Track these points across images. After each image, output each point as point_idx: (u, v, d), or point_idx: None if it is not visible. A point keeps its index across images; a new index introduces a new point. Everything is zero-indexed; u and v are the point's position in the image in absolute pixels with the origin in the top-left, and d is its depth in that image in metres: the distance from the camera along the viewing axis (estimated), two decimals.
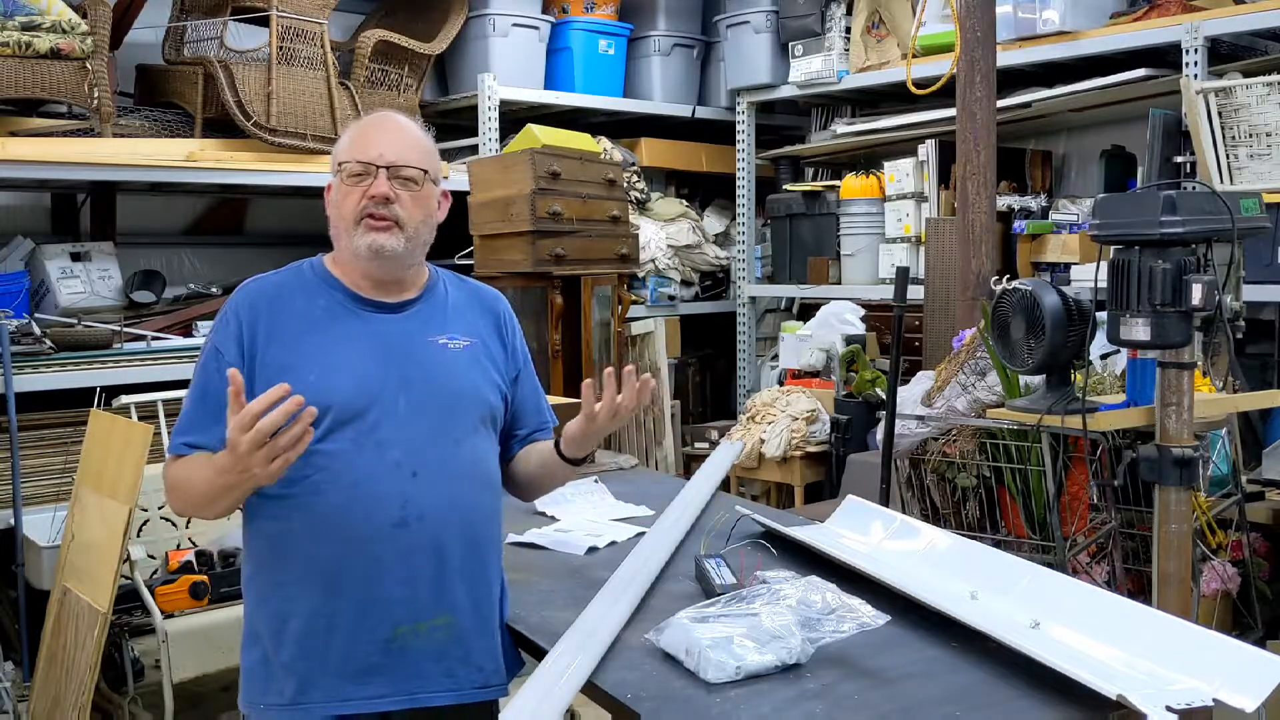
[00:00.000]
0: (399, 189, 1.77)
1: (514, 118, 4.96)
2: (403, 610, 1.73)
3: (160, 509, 3.34)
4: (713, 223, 5.63)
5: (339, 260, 1.85)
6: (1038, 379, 2.79)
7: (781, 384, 4.67)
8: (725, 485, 3.15)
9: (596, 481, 2.88)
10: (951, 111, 3.80)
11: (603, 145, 4.88)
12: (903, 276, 3.22)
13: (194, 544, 3.33)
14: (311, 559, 1.72)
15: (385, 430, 1.73)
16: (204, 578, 3.13)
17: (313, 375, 1.72)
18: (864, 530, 2.32)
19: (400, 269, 1.82)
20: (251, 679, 1.79)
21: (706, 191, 5.81)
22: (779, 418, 4.24)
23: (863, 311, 4.61)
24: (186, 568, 3.20)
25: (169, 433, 3.54)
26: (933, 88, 3.84)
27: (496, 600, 1.86)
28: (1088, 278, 2.86)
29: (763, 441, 4.20)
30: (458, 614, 1.77)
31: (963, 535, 2.48)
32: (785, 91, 5.17)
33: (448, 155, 4.88)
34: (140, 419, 3.32)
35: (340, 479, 1.71)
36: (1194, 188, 2.75)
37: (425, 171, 1.80)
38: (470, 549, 1.79)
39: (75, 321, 3.80)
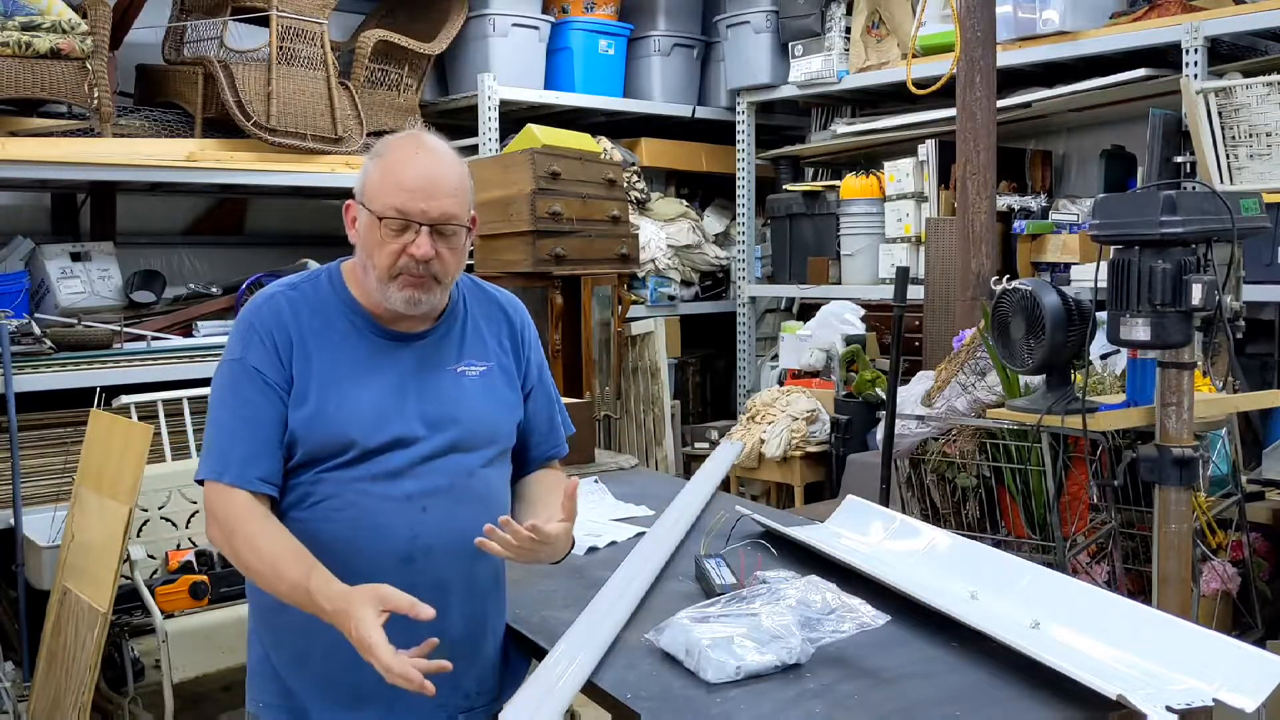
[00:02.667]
0: (439, 244, 1.68)
1: (514, 118, 4.96)
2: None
3: (160, 509, 3.34)
4: (713, 223, 5.63)
5: (360, 281, 1.76)
6: (1038, 379, 2.79)
7: (781, 384, 4.67)
8: (725, 485, 3.15)
9: (596, 481, 2.88)
10: (951, 111, 3.80)
11: (603, 145, 4.88)
12: (903, 276, 3.22)
13: (194, 544, 3.33)
14: None
15: (399, 462, 1.70)
16: (204, 578, 3.13)
17: (331, 405, 1.69)
18: (864, 530, 2.32)
19: (430, 310, 1.76)
20: (256, 678, 1.80)
21: (706, 191, 5.81)
22: (779, 418, 4.24)
23: (863, 311, 4.61)
24: (186, 568, 3.20)
25: (169, 433, 3.54)
26: (933, 88, 3.84)
27: (490, 626, 1.84)
28: (1088, 278, 2.86)
29: (763, 441, 4.20)
30: (452, 646, 1.73)
31: (963, 535, 2.48)
32: (785, 91, 5.17)
33: None
34: (140, 419, 3.32)
35: (351, 509, 1.68)
36: (1194, 188, 2.75)
37: (467, 227, 1.73)
38: (471, 584, 1.78)
39: (75, 321, 3.80)
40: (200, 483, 1.70)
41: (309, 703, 1.74)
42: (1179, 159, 3.70)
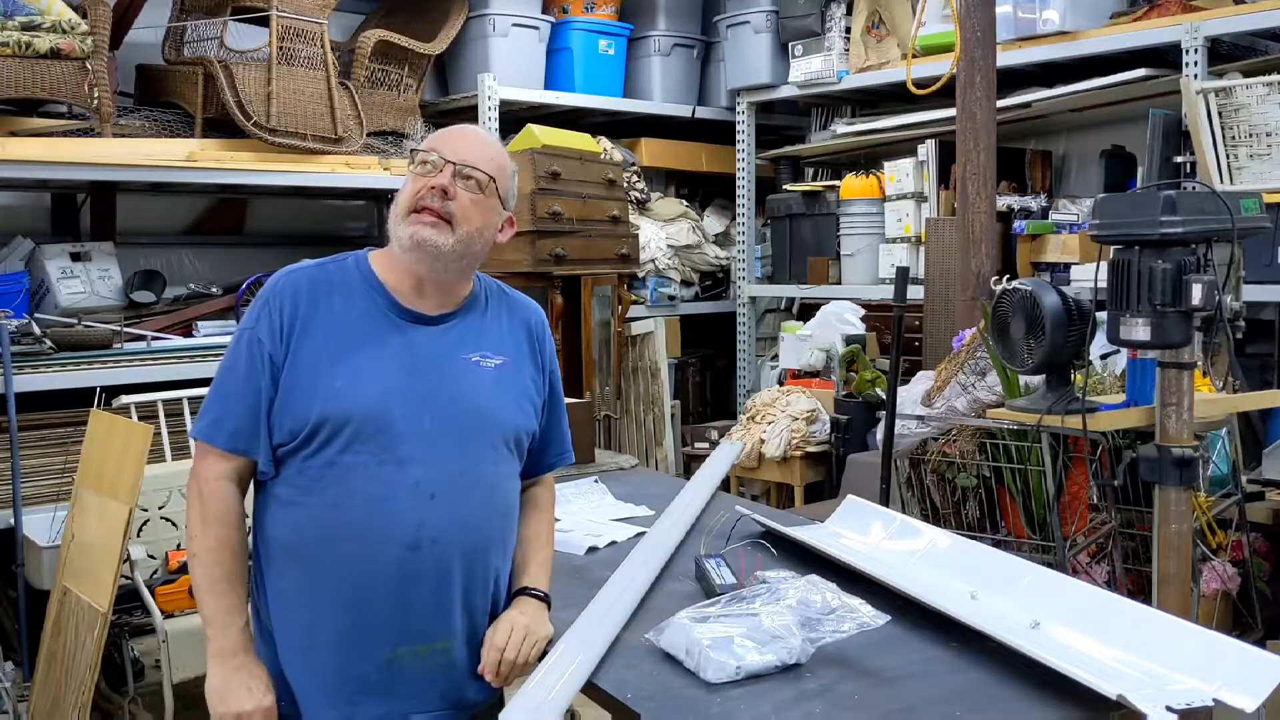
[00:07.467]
0: (462, 188, 1.75)
1: (514, 118, 4.96)
2: (404, 632, 1.71)
3: (160, 509, 3.34)
4: (713, 223, 5.63)
5: (386, 260, 1.80)
6: (1038, 379, 2.79)
7: (781, 384, 4.66)
8: (725, 485, 3.15)
9: (596, 481, 2.88)
10: (951, 111, 3.80)
11: (603, 145, 4.88)
12: (903, 276, 3.22)
13: None
14: (320, 572, 1.69)
15: (407, 447, 1.69)
16: None
17: (339, 381, 1.69)
18: (864, 530, 2.32)
19: (440, 270, 1.76)
20: None
21: (706, 191, 5.81)
22: (779, 418, 4.24)
23: (863, 311, 4.61)
24: (186, 568, 3.19)
25: (169, 433, 3.54)
26: (933, 88, 3.84)
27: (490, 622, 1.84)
28: (1088, 278, 2.86)
29: (763, 441, 4.20)
30: (454, 639, 1.75)
31: (963, 535, 2.48)
32: (785, 91, 5.17)
33: None
34: (140, 419, 3.32)
35: (358, 495, 1.68)
36: (1194, 188, 2.75)
37: (493, 179, 1.77)
38: (475, 576, 1.76)
39: (75, 321, 3.80)
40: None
41: (311, 696, 1.72)
42: (1179, 159, 3.70)
